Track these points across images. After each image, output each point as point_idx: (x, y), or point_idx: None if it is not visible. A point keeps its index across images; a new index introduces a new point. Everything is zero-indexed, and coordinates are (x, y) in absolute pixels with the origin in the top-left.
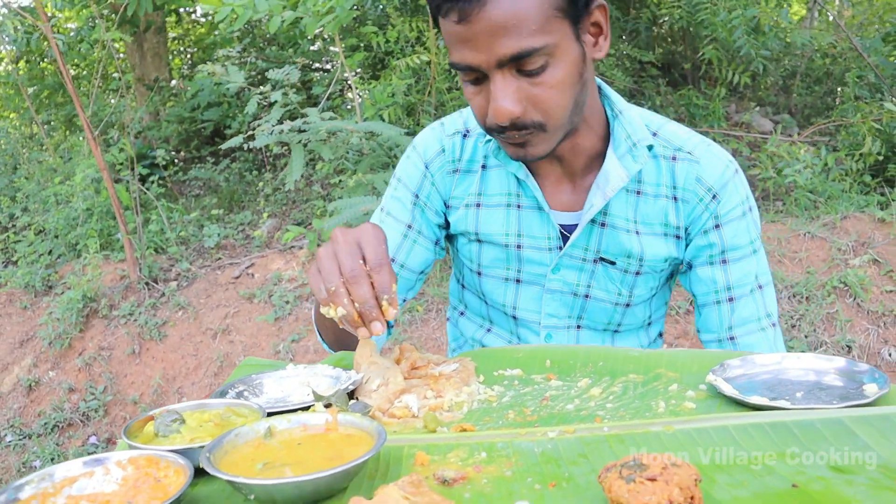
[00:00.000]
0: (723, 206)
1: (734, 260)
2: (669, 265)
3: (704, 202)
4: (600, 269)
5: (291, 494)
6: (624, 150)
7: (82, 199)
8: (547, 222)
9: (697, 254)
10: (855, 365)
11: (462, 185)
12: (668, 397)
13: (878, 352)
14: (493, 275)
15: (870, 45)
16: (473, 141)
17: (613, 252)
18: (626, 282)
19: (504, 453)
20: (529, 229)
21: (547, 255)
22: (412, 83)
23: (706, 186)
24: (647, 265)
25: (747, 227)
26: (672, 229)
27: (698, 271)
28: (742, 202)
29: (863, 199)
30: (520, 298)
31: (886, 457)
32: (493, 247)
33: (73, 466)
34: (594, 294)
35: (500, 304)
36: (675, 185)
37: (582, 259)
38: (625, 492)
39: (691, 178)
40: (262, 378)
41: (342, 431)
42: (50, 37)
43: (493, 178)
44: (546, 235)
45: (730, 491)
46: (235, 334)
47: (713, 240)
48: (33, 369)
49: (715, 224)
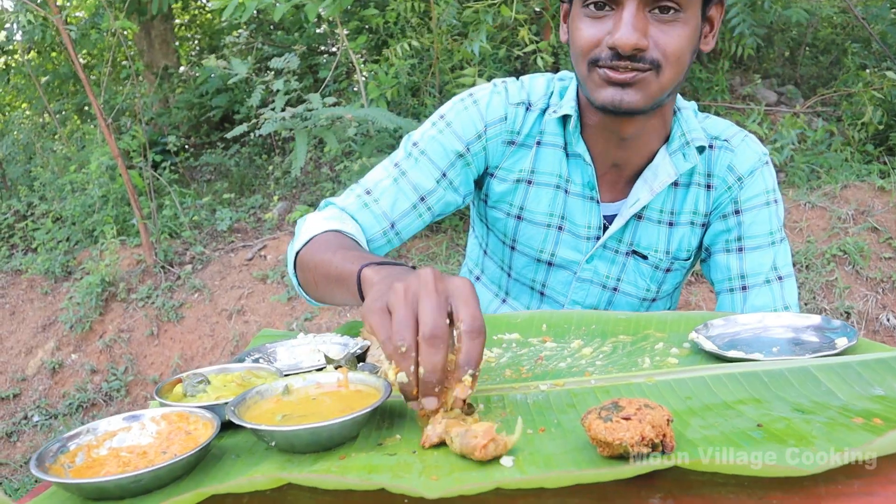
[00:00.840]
0: (745, 193)
1: (750, 249)
2: (693, 257)
3: (731, 189)
4: (631, 263)
5: (308, 440)
6: (676, 146)
7: (98, 187)
8: (592, 212)
9: (715, 239)
10: (829, 322)
11: (514, 157)
12: (654, 354)
13: (877, 317)
14: (527, 253)
15: (877, 13)
16: (534, 115)
17: (646, 245)
18: (656, 278)
19: (499, 405)
20: (572, 215)
21: (584, 244)
22: (416, 63)
23: (736, 175)
24: (676, 262)
25: (769, 218)
26: (700, 217)
27: (716, 258)
28: (766, 192)
29: (864, 169)
30: (550, 279)
31: (845, 399)
32: (533, 226)
33: (114, 421)
34: (623, 288)
35: (530, 279)
36: (709, 173)
37: (615, 251)
38: (602, 429)
39: (724, 166)
40: (275, 346)
41: (352, 388)
42: (61, 28)
43: (547, 157)
44: (587, 224)
45: (701, 432)
46: (250, 314)
47: (731, 224)
48: (56, 352)
49: (735, 209)
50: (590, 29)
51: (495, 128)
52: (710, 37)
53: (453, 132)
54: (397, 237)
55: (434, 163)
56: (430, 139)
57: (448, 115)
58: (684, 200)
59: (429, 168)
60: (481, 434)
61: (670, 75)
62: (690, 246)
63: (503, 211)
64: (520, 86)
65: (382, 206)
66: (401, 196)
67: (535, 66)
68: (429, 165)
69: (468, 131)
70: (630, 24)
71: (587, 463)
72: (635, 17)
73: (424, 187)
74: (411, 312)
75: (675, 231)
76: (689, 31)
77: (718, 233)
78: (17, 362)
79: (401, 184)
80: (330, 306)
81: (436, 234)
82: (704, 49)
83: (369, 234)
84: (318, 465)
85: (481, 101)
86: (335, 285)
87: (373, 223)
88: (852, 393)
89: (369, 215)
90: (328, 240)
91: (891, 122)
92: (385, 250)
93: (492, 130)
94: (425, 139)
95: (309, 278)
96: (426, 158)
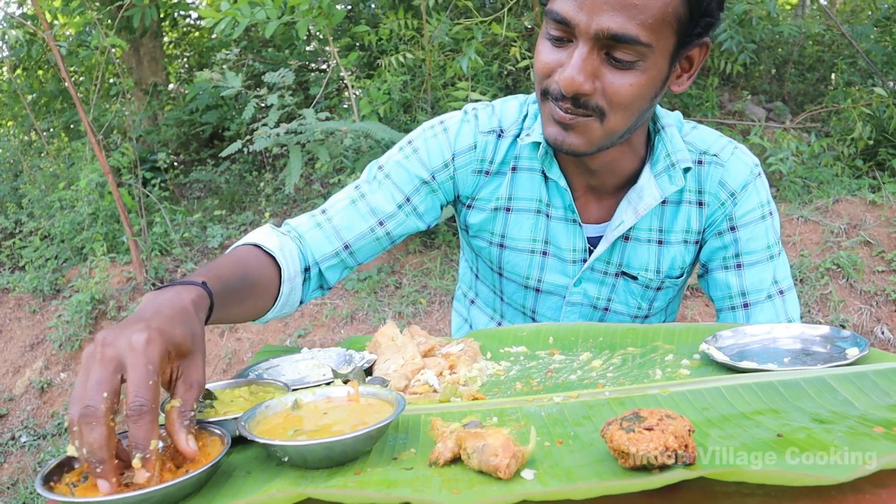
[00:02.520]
0: (739, 209)
1: (749, 265)
2: (686, 274)
3: (724, 205)
4: (621, 284)
5: (322, 455)
6: (661, 168)
7: (87, 204)
8: (576, 234)
9: (712, 256)
10: (839, 332)
11: (490, 187)
12: (665, 366)
13: (872, 330)
14: (514, 280)
15: (861, 32)
16: (507, 142)
17: (635, 266)
18: (647, 297)
19: (514, 417)
20: (556, 239)
21: (570, 267)
22: (408, 80)
23: (729, 190)
24: (667, 280)
25: (765, 232)
26: (693, 235)
27: (715, 275)
28: (761, 206)
29: (855, 183)
30: (539, 305)
31: (864, 409)
32: (517, 253)
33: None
34: (614, 307)
35: (520, 304)
36: (700, 190)
37: (604, 273)
38: (625, 440)
39: (715, 182)
40: (279, 362)
41: (363, 402)
42: (52, 44)
43: (524, 182)
44: (572, 248)
45: (721, 442)
46: (243, 332)
47: (727, 241)
48: (45, 371)
49: (730, 226)
50: (548, 54)
51: (464, 157)
52: (685, 77)
53: (419, 159)
54: (351, 258)
55: (397, 187)
56: (396, 164)
57: (416, 142)
58: (675, 218)
59: (391, 192)
60: (501, 451)
61: (617, 123)
62: (684, 263)
63: (485, 240)
64: (491, 112)
65: (335, 224)
66: (357, 218)
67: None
68: (391, 189)
69: (435, 159)
70: (577, 67)
71: (610, 474)
72: (584, 60)
73: (384, 210)
74: (83, 385)
75: (665, 249)
76: (647, 80)
77: (715, 250)
78: (4, 382)
79: (359, 205)
80: (322, 322)
81: (430, 250)
82: (676, 90)
83: (319, 253)
84: (333, 481)
85: (451, 130)
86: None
87: (323, 243)
88: (870, 402)
89: (320, 234)
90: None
91: (879, 137)
92: (339, 270)
93: (460, 160)
94: (390, 163)
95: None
96: (389, 182)
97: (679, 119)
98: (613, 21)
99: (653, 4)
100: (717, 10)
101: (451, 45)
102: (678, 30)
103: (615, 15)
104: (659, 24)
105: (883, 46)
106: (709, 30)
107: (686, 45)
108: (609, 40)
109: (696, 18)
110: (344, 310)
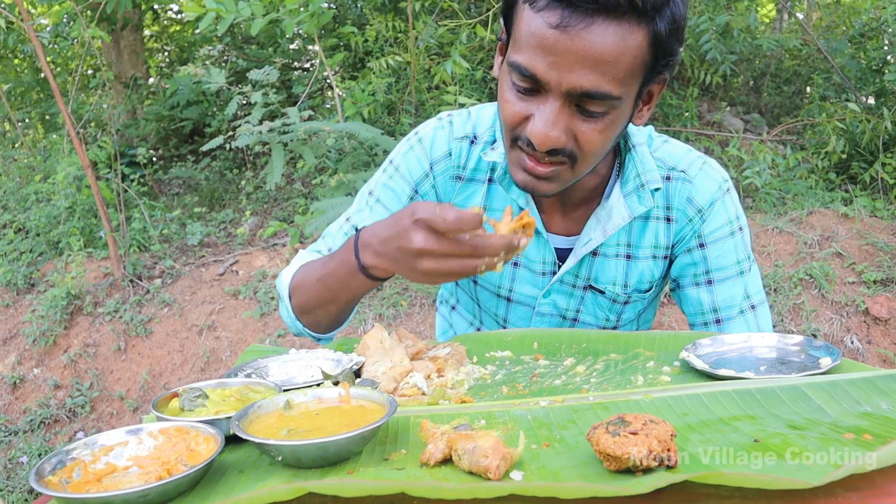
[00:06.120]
0: (708, 226)
1: (719, 280)
2: (656, 287)
3: (692, 221)
4: (589, 296)
5: (316, 455)
6: (631, 188)
7: (64, 197)
8: (545, 247)
9: (682, 272)
10: (812, 342)
11: (465, 193)
12: (646, 372)
13: (842, 340)
14: (487, 288)
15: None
16: (479, 149)
17: (603, 281)
18: (615, 310)
19: (501, 420)
20: (527, 251)
21: (539, 279)
22: (392, 82)
23: (696, 207)
24: (634, 294)
25: (734, 248)
26: (661, 250)
27: (686, 291)
28: (730, 222)
29: (828, 196)
30: (510, 314)
31: (835, 416)
32: None
33: (113, 435)
34: (583, 318)
35: (493, 313)
36: (668, 206)
37: (572, 286)
38: (611, 444)
39: (683, 198)
40: (267, 362)
41: (354, 403)
42: (31, 34)
43: (499, 193)
44: (542, 260)
45: (701, 447)
46: (221, 330)
47: (697, 258)
48: (17, 367)
49: (699, 243)
50: (517, 104)
51: (441, 164)
52: (645, 110)
53: (401, 176)
54: None
55: (387, 210)
56: (383, 186)
57: (396, 160)
58: (642, 234)
59: (383, 214)
60: (491, 452)
61: (587, 166)
62: (653, 278)
63: None
64: (466, 117)
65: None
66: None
67: None
68: (383, 212)
69: (415, 172)
70: (550, 122)
71: (595, 477)
72: (557, 116)
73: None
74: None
75: (633, 264)
76: (617, 124)
77: (685, 266)
78: None
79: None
80: None
81: None
82: (636, 123)
83: None
84: (327, 480)
85: (426, 139)
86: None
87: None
88: (841, 410)
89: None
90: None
91: (852, 151)
92: None
93: (438, 167)
94: (379, 187)
95: (304, 295)
96: (380, 206)
97: (650, 134)
98: (585, 79)
99: (623, 60)
100: (678, 46)
101: (436, 48)
102: (644, 74)
103: (587, 73)
104: (628, 76)
105: (857, 62)
106: (669, 66)
107: (648, 83)
108: (581, 97)
109: (660, 59)
110: None
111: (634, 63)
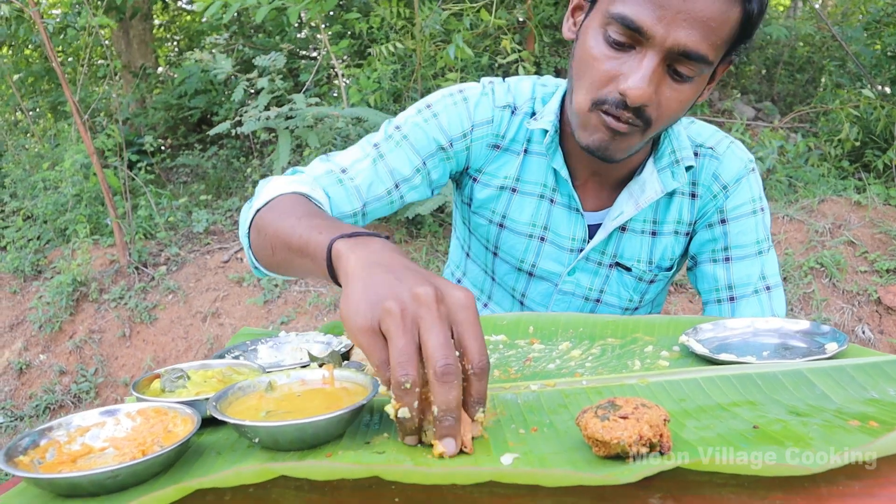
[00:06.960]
0: (731, 202)
1: (737, 258)
2: (676, 266)
3: (717, 197)
4: (615, 275)
5: (293, 437)
6: (665, 164)
7: (71, 185)
8: (577, 223)
9: (701, 248)
10: (818, 327)
11: (499, 162)
12: (644, 357)
13: (853, 329)
14: (508, 261)
15: (851, 35)
16: (519, 119)
17: (629, 257)
18: (639, 289)
19: (489, 405)
20: (557, 226)
21: (566, 256)
22: (398, 69)
23: (721, 183)
24: (660, 272)
25: (755, 227)
26: (684, 226)
27: (703, 267)
28: (752, 200)
29: (840, 184)
30: (530, 289)
31: (840, 402)
32: (515, 235)
33: (88, 416)
34: (605, 299)
35: (511, 287)
36: (694, 182)
37: (598, 263)
38: (599, 428)
39: (709, 174)
40: (256, 344)
41: (338, 386)
42: (38, 22)
43: (533, 166)
44: (572, 236)
45: (697, 433)
46: (225, 317)
47: (717, 234)
48: (24, 353)
49: (721, 219)
50: (609, 62)
51: (482, 129)
52: (706, 91)
53: (439, 124)
54: (363, 219)
55: (416, 150)
56: (414, 125)
57: (435, 106)
58: (667, 210)
59: (409, 155)
60: None
61: (656, 132)
62: (674, 255)
63: (485, 217)
64: (506, 88)
65: (358, 184)
66: (377, 179)
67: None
68: (409, 152)
69: (454, 128)
70: (647, 78)
71: (583, 463)
72: (654, 73)
73: (401, 173)
74: (412, 343)
75: (658, 241)
76: (694, 94)
77: (704, 242)
78: None
79: (378, 166)
80: (305, 310)
81: (415, 240)
82: (698, 100)
83: (338, 210)
84: (298, 462)
85: (470, 100)
86: (297, 254)
87: (345, 201)
88: (846, 396)
89: (342, 192)
90: (293, 202)
91: (866, 139)
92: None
93: (478, 132)
94: (408, 124)
95: (265, 242)
96: (408, 144)
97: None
98: (689, 38)
99: (723, 28)
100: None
101: (441, 35)
102: (727, 49)
103: (692, 32)
104: (721, 46)
105: (872, 49)
106: (740, 52)
107: (723, 61)
108: (679, 55)
109: (741, 40)
110: (328, 297)
111: (729, 34)
